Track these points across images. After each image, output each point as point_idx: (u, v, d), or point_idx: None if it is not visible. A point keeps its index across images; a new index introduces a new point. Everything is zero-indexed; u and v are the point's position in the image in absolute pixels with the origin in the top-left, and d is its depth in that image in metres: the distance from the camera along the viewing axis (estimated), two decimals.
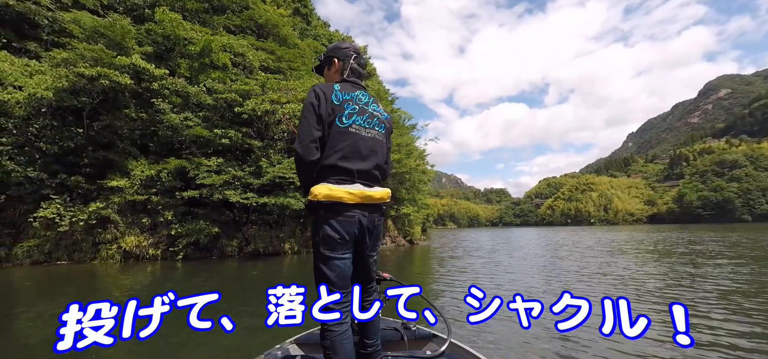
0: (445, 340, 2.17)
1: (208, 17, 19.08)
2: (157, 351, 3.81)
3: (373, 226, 1.77)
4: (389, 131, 1.96)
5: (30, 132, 12.02)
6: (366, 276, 1.90)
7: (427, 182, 28.97)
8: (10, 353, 3.90)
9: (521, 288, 6.82)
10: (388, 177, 2.06)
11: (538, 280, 8.00)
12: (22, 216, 11.81)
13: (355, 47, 1.93)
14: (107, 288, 7.97)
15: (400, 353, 2.11)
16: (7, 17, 13.89)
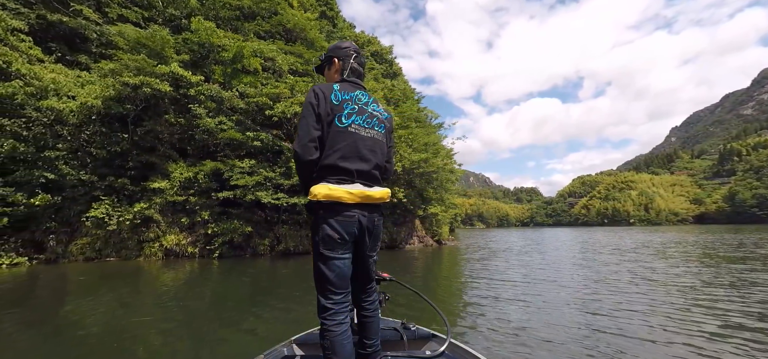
0: (444, 340, 2.16)
1: (239, 24, 19.78)
2: (169, 342, 3.98)
3: (373, 226, 1.77)
4: (390, 130, 1.95)
5: (82, 138, 12.97)
6: (366, 276, 1.89)
7: (455, 182, 28.53)
8: (67, 343, 4.19)
9: (558, 297, 6.39)
10: (390, 177, 2.06)
11: (577, 285, 7.64)
12: (76, 216, 12.76)
13: (355, 47, 1.93)
14: (152, 284, 8.44)
15: (399, 353, 2.11)
16: (61, 33, 15.07)
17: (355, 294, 1.90)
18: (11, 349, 3.95)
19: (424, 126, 24.35)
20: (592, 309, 5.34)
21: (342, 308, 1.66)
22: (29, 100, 11.93)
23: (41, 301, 6.69)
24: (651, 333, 4.17)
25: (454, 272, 10.29)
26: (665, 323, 4.59)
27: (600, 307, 5.43)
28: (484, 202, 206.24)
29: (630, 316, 4.91)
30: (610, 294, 6.34)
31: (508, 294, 6.57)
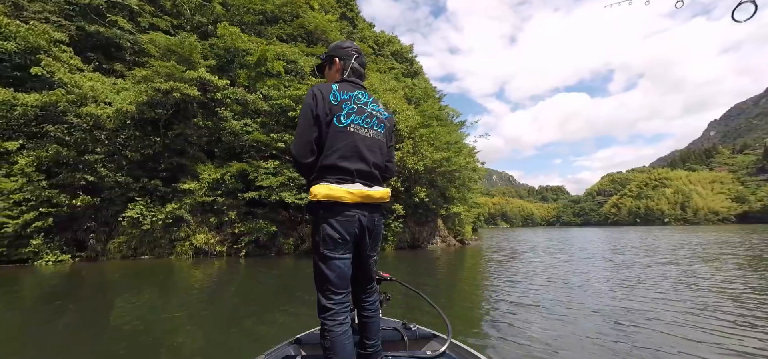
0: (445, 340, 2.15)
1: (262, 28, 20.26)
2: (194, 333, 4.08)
3: (373, 226, 1.77)
4: (390, 130, 1.94)
5: (118, 142, 13.65)
6: (366, 277, 1.89)
7: (478, 181, 28.05)
8: (106, 335, 4.41)
9: (583, 303, 5.75)
10: (392, 177, 2.04)
11: (607, 290, 7.27)
12: (114, 216, 13.45)
13: (356, 48, 1.93)
14: (183, 281, 8.76)
15: (400, 353, 2.09)
16: (99, 43, 15.92)
17: (355, 294, 1.91)
18: (57, 340, 4.19)
19: (446, 125, 24.08)
20: (622, 318, 4.82)
21: (342, 308, 1.65)
22: (70, 107, 12.67)
23: (83, 296, 7.08)
24: (696, 350, 3.66)
25: (475, 273, 10.08)
26: (713, 339, 3.99)
27: (632, 317, 4.88)
28: (508, 201, 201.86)
29: (669, 328, 4.36)
30: (644, 302, 5.74)
31: (529, 298, 6.18)
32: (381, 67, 27.00)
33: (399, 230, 17.22)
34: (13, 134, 12.60)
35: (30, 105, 12.25)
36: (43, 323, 4.99)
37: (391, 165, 1.97)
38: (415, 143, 17.94)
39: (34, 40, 12.82)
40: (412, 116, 18.72)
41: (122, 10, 16.21)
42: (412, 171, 17.14)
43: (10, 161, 12.12)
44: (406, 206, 17.49)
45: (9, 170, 12.00)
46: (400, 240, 17.93)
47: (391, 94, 18.81)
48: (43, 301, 6.58)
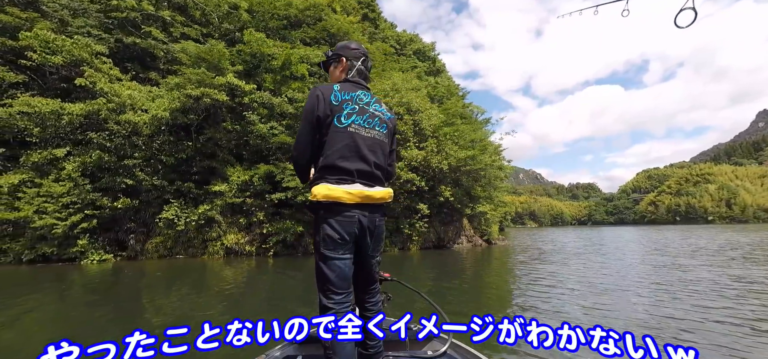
0: (446, 340, 2.15)
1: (287, 33, 20.69)
2: None
3: (374, 226, 1.76)
4: (392, 131, 1.92)
5: (154, 147, 14.33)
6: (369, 278, 1.88)
7: (504, 179, 27.38)
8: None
9: (618, 313, 5.22)
10: (393, 178, 2.03)
11: (645, 297, 6.81)
12: (151, 217, 14.14)
13: (364, 51, 1.92)
14: (216, 280, 9.07)
15: (401, 353, 2.10)
16: (135, 53, 16.81)
17: (357, 294, 1.91)
18: (101, 333, 4.43)
19: (470, 122, 23.66)
20: (665, 331, 4.23)
21: (343, 308, 1.65)
22: (111, 115, 13.44)
23: (125, 293, 7.47)
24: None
25: (501, 276, 9.78)
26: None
27: (676, 330, 4.28)
28: (536, 199, 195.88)
29: (716, 347, 3.76)
30: (689, 311, 5.13)
31: (554, 304, 5.75)
32: (403, 66, 26.91)
33: (424, 230, 17.08)
34: (61, 142, 13.52)
35: (75, 114, 13.11)
36: (86, 315, 5.29)
37: (391, 168, 1.95)
38: (438, 142, 17.74)
39: (77, 54, 13.69)
40: (435, 115, 18.54)
41: (156, 22, 17.03)
42: (437, 170, 16.96)
43: (58, 167, 13.02)
44: (431, 205, 17.33)
45: (58, 175, 12.89)
46: (425, 240, 17.78)
47: (413, 93, 18.69)
48: (87, 296, 7.00)
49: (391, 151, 1.92)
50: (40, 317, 5.43)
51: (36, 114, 12.85)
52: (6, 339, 4.38)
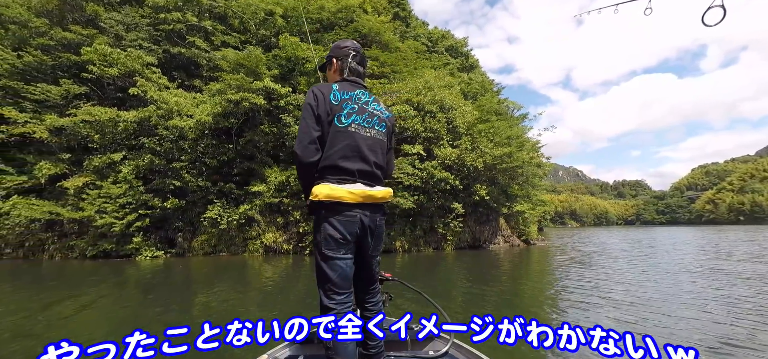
0: (448, 340, 2.15)
1: (320, 36, 21.09)
2: None
3: (375, 226, 1.76)
4: (391, 130, 1.93)
5: (198, 150, 15.16)
6: (369, 277, 1.88)
7: (543, 177, 26.27)
8: (192, 324, 4.84)
9: (671, 329, 4.47)
10: (390, 177, 2.03)
11: (705, 310, 5.74)
12: (196, 217, 14.98)
13: (354, 46, 1.91)
14: (256, 277, 9.41)
15: (402, 353, 2.11)
16: (181, 62, 17.89)
17: (358, 294, 1.91)
18: (151, 325, 4.71)
19: (506, 119, 22.92)
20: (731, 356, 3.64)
21: (344, 308, 1.65)
22: (160, 121, 14.39)
23: (175, 288, 7.94)
24: None
25: (538, 281, 9.33)
26: None
27: (744, 352, 3.71)
28: (577, 198, 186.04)
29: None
30: (763, 329, 4.40)
31: (595, 315, 5.17)
32: (435, 64, 26.57)
33: (458, 229, 16.75)
34: (117, 147, 14.67)
35: (129, 121, 14.17)
36: (141, 307, 5.67)
37: (389, 167, 1.94)
38: (473, 140, 17.31)
39: (131, 65, 14.79)
40: (469, 112, 18.12)
41: (199, 32, 18.01)
42: (471, 168, 16.55)
43: (116, 170, 14.14)
44: (466, 204, 16.94)
45: (115, 178, 14.00)
46: (460, 240, 17.43)
47: (446, 90, 18.38)
48: (142, 290, 7.51)
49: (389, 149, 1.92)
50: (102, 306, 5.89)
51: (96, 122, 14.05)
52: (72, 324, 4.79)
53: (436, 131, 16.63)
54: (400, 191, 14.91)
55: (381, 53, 20.94)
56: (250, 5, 19.33)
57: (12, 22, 15.14)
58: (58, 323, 4.96)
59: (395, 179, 14.76)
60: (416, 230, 16.36)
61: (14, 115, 13.71)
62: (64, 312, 5.52)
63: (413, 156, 15.60)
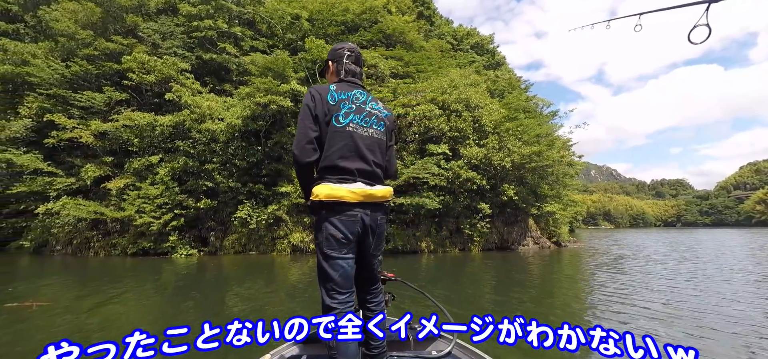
0: (450, 340, 2.15)
1: (344, 38, 21.29)
2: None
3: (376, 225, 1.76)
4: (390, 129, 1.92)
5: (229, 152, 15.68)
6: (371, 277, 1.89)
7: (574, 176, 25.24)
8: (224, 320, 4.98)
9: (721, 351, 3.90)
10: (393, 176, 2.03)
11: (759, 328, 5.22)
12: (227, 217, 15.49)
13: (350, 47, 1.93)
14: (283, 276, 9.60)
15: (405, 353, 2.11)
16: (212, 68, 18.59)
17: (360, 294, 1.91)
18: (185, 318, 4.88)
19: (535, 116, 22.20)
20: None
21: (346, 308, 1.66)
22: (194, 124, 15.00)
23: (208, 284, 8.24)
24: None
25: (571, 286, 8.93)
26: None
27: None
28: (612, 198, 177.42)
29: None
30: None
31: (631, 327, 4.53)
32: (461, 62, 26.17)
33: (486, 230, 16.38)
34: (155, 150, 15.43)
35: (165, 125, 14.87)
36: (177, 303, 5.90)
37: (390, 165, 1.94)
38: (500, 138, 16.88)
39: (167, 72, 15.51)
40: (496, 110, 17.68)
41: (229, 38, 18.64)
42: (499, 168, 16.14)
43: (153, 172, 14.87)
44: (493, 205, 16.55)
45: (153, 179, 14.73)
46: (487, 241, 17.05)
47: (472, 88, 18.03)
48: (177, 286, 7.84)
49: (389, 147, 1.92)
50: (141, 299, 6.19)
51: (135, 126, 14.85)
52: (113, 313, 5.05)
53: (462, 130, 16.35)
54: (426, 191, 14.77)
55: (405, 53, 20.86)
56: (276, 10, 19.79)
57: (61, 34, 16.28)
58: (101, 313, 5.25)
59: (421, 179, 14.64)
60: (442, 231, 16.16)
61: (63, 121, 14.73)
62: (107, 304, 5.84)
63: (439, 156, 15.41)
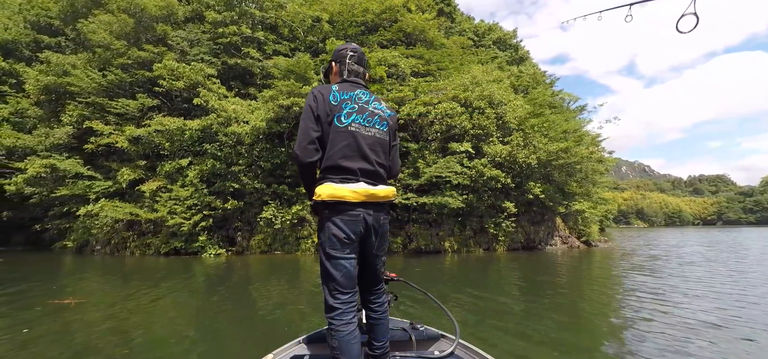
0: (453, 340, 2.14)
1: (365, 38, 21.35)
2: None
3: (379, 225, 1.77)
4: (393, 128, 1.93)
5: (254, 154, 16.06)
6: (374, 277, 1.89)
7: (604, 173, 24.20)
8: (255, 319, 5.06)
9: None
10: (396, 176, 2.04)
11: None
12: (253, 217, 15.87)
13: (353, 47, 1.94)
14: (307, 275, 9.71)
15: (407, 353, 2.10)
16: (237, 72, 19.10)
17: (363, 294, 1.92)
18: (216, 315, 5.01)
19: (562, 111, 21.49)
20: None
21: (349, 308, 1.67)
22: (220, 128, 15.46)
23: (236, 283, 8.44)
24: None
25: (600, 289, 8.49)
26: None
27: None
28: (644, 195, 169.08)
29: None
30: None
31: (677, 344, 3.88)
32: (482, 58, 25.67)
33: (511, 229, 15.98)
34: (184, 153, 16.03)
35: (194, 129, 15.40)
36: (209, 301, 6.06)
37: (393, 165, 1.95)
38: (525, 135, 16.42)
39: (194, 78, 16.07)
40: (520, 106, 17.21)
41: (252, 43, 19.09)
42: (524, 165, 15.69)
43: (183, 175, 15.44)
44: (519, 203, 16.11)
45: (183, 182, 15.29)
46: (513, 241, 16.62)
47: (495, 85, 17.62)
48: (208, 284, 8.08)
49: (392, 147, 1.92)
50: (175, 298, 6.41)
51: (166, 131, 15.46)
52: (148, 311, 5.25)
53: (485, 127, 16.01)
54: (448, 190, 14.56)
55: (426, 51, 20.68)
56: (298, 14, 20.10)
57: (98, 45, 17.20)
58: (135, 310, 5.46)
59: (444, 178, 14.45)
60: (466, 231, 15.89)
61: (101, 127, 15.55)
62: (143, 302, 6.08)
63: (461, 154, 15.16)
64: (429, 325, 2.41)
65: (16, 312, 5.49)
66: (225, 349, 3.87)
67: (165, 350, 3.88)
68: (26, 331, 4.45)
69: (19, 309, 5.62)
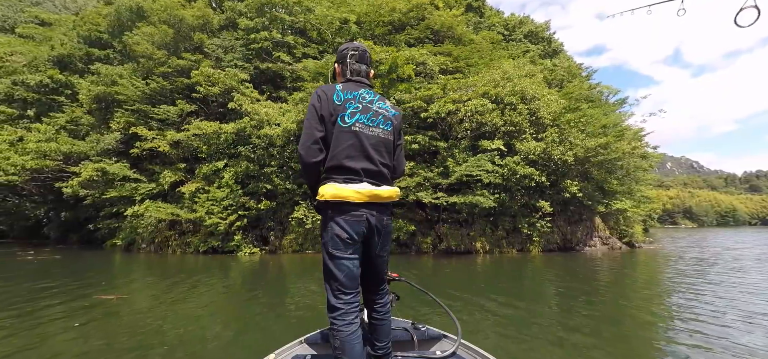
0: (455, 340, 2.15)
1: (392, 37, 21.29)
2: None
3: (382, 225, 1.75)
4: (398, 128, 1.91)
5: (285, 156, 16.44)
6: (377, 277, 1.88)
7: (648, 169, 22.71)
8: (284, 316, 5.13)
9: None
10: (401, 176, 1.99)
11: None
12: (285, 217, 16.26)
13: (354, 45, 1.91)
14: None
15: (409, 353, 2.09)
16: (269, 76, 19.67)
17: (365, 295, 1.91)
18: (251, 308, 5.12)
19: (600, 105, 20.37)
20: None
21: (352, 308, 1.66)
22: (253, 131, 15.96)
23: (271, 282, 8.65)
24: None
25: (646, 295, 7.89)
26: None
27: None
28: (693, 193, 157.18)
29: None
30: None
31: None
32: (513, 53, 24.86)
33: (546, 230, 15.34)
34: (220, 156, 16.69)
35: (229, 132, 16.00)
36: (244, 299, 6.24)
37: (398, 165, 1.93)
38: (561, 131, 15.69)
39: (229, 83, 16.70)
40: (554, 101, 16.48)
41: (283, 47, 19.59)
42: (560, 163, 15.00)
43: (219, 176, 16.08)
44: (554, 202, 15.43)
45: (219, 183, 15.93)
46: (548, 241, 15.95)
47: (527, 79, 16.98)
48: (244, 283, 8.33)
49: (396, 146, 1.90)
50: (211, 295, 6.66)
51: (203, 135, 16.18)
52: (188, 307, 5.46)
53: (518, 124, 15.46)
54: (479, 189, 14.20)
55: (454, 48, 20.33)
56: (326, 17, 20.38)
57: (141, 56, 18.29)
58: (176, 307, 5.71)
59: (474, 177, 14.10)
60: (498, 231, 15.43)
61: (145, 133, 16.52)
62: (183, 299, 6.35)
63: (493, 152, 14.73)
64: (431, 325, 2.41)
65: (70, 303, 5.91)
66: (203, 354, 3.91)
67: (199, 346, 4.00)
68: (77, 325, 4.76)
69: (72, 301, 6.04)
